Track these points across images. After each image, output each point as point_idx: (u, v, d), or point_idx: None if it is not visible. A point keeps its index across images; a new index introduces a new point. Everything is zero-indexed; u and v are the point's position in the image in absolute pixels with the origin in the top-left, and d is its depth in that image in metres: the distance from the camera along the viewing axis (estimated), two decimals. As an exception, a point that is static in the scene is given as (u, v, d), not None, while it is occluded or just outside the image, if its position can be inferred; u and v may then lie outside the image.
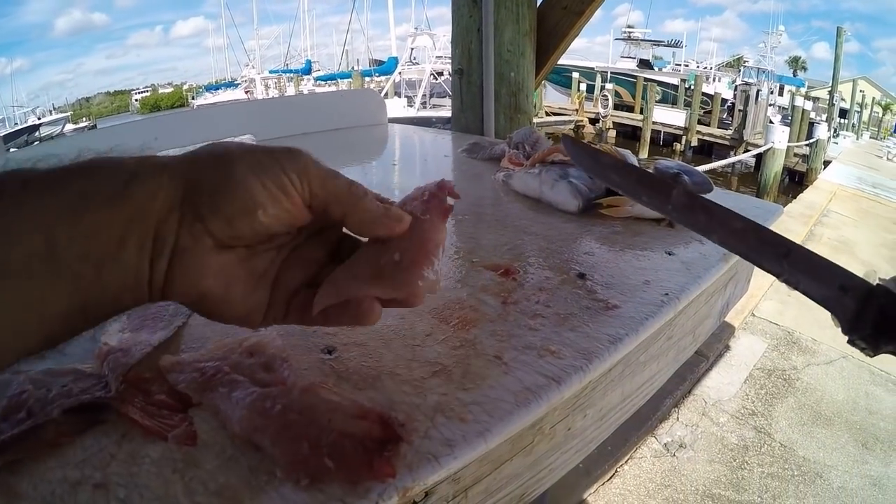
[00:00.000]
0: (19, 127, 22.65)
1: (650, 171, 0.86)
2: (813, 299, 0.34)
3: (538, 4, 1.55)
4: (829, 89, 14.57)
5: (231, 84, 30.89)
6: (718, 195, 0.85)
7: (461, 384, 0.41)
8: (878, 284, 0.32)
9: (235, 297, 0.33)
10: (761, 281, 2.96)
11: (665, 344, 0.64)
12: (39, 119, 24.46)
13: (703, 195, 0.83)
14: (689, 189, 0.40)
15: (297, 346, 0.46)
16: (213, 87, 33.24)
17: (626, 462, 1.91)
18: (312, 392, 0.37)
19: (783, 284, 0.36)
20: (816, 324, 2.75)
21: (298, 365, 0.43)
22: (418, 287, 0.34)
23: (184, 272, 0.31)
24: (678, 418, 2.15)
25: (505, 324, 0.49)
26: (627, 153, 0.84)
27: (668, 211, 0.41)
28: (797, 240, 3.98)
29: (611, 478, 1.85)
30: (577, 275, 0.59)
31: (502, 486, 0.43)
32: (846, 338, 0.33)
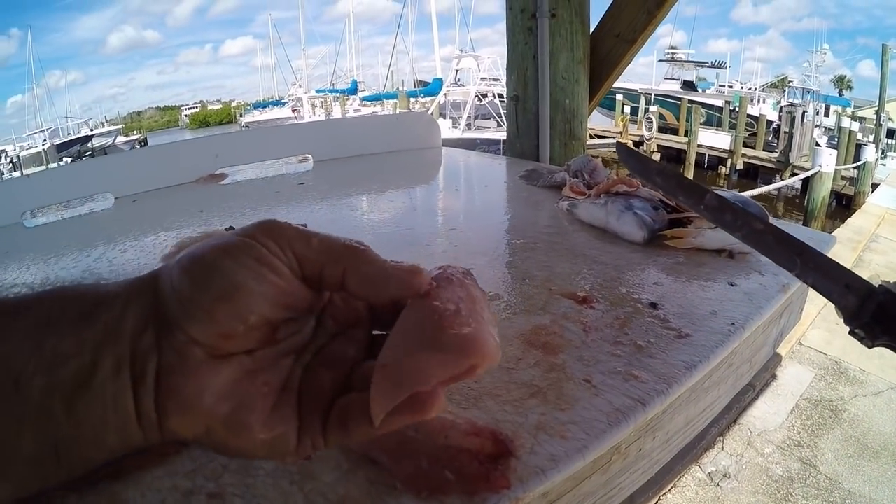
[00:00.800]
0: (72, 137, 23.41)
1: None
2: (821, 293, 0.37)
3: (591, 32, 1.58)
4: (876, 108, 14.15)
5: (278, 102, 31.70)
6: (771, 224, 0.87)
7: (557, 405, 0.44)
8: (879, 285, 0.35)
9: (252, 421, 0.26)
10: (809, 309, 2.90)
11: (726, 371, 0.66)
12: (92, 130, 25.28)
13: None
14: (719, 194, 0.45)
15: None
16: (261, 105, 34.15)
17: (669, 490, 1.89)
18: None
19: (830, 312, 0.39)
20: (864, 354, 2.67)
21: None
22: (490, 345, 0.26)
23: (177, 398, 0.25)
24: (723, 447, 2.11)
25: (589, 350, 0.53)
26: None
27: (701, 210, 0.45)
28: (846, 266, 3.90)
29: (653, 506, 1.83)
30: (650, 304, 0.62)
31: (579, 502, 0.46)
32: (847, 329, 0.37)
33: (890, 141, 13.87)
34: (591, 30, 1.58)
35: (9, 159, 19.91)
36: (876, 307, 0.35)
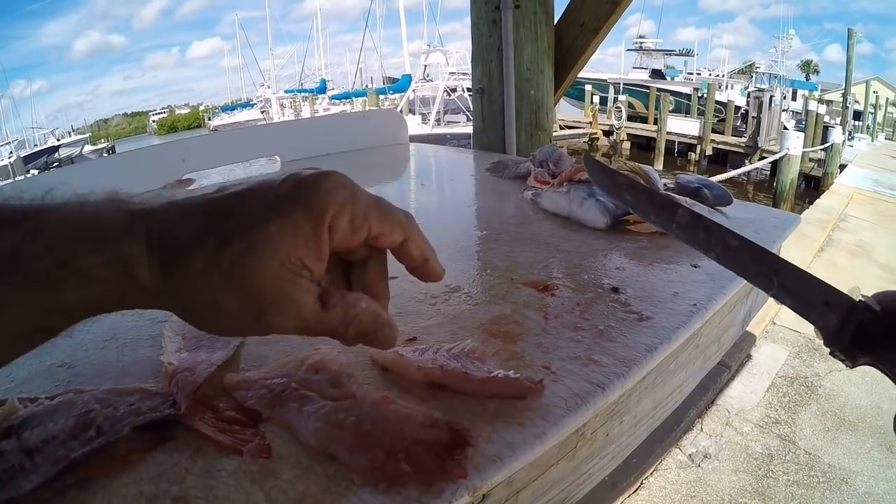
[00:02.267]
0: (39, 148, 22.76)
1: (672, 184, 0.90)
2: (800, 314, 0.36)
3: (556, 22, 1.59)
4: (843, 92, 14.42)
5: (247, 104, 31.28)
6: (737, 206, 0.89)
7: (515, 393, 0.44)
8: (860, 300, 0.34)
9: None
10: (781, 288, 2.94)
11: (693, 352, 0.67)
12: (59, 140, 24.59)
13: (723, 207, 0.86)
14: (692, 210, 0.43)
15: (357, 362, 0.49)
16: (230, 108, 33.65)
17: (651, 474, 1.91)
18: (383, 404, 0.40)
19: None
20: (838, 330, 2.72)
21: (361, 380, 0.45)
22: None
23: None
24: (702, 429, 2.14)
25: (549, 336, 0.53)
26: (650, 169, 0.87)
27: (673, 229, 0.44)
28: (815, 245, 3.93)
29: (636, 490, 1.85)
30: (611, 289, 0.63)
31: (547, 489, 0.46)
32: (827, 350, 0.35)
33: (857, 123, 14.17)
34: (556, 20, 1.59)
35: (-26, 174, 19.39)
36: (856, 327, 0.33)
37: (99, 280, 0.28)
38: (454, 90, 15.30)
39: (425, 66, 17.53)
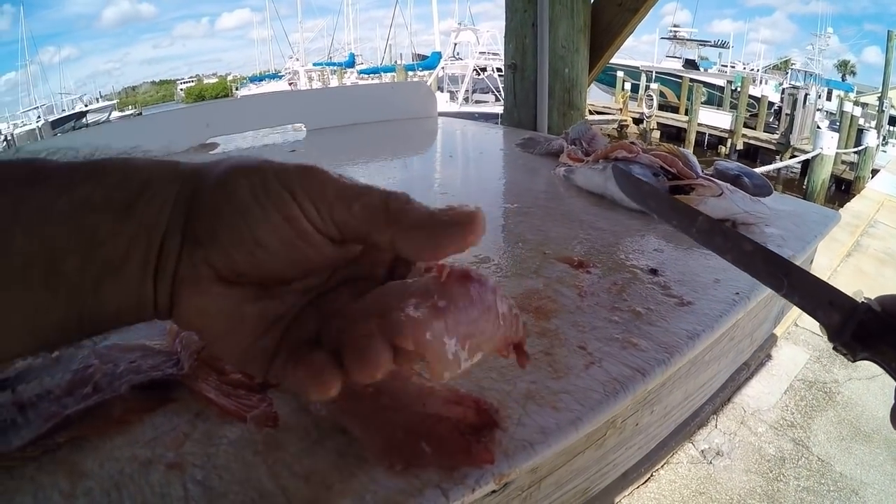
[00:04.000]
0: (67, 113, 23.13)
1: (710, 171, 0.85)
2: (806, 311, 0.39)
3: (592, 1, 1.52)
4: (879, 95, 14.04)
5: (275, 76, 31.16)
6: (777, 199, 0.84)
7: (549, 373, 0.41)
8: (862, 302, 0.37)
9: (234, 344, 0.27)
10: (807, 290, 2.88)
11: (727, 345, 0.63)
12: (86, 106, 24.99)
13: (763, 197, 0.82)
14: (710, 217, 0.44)
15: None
16: (258, 79, 33.62)
17: (662, 466, 1.88)
18: (404, 377, 0.35)
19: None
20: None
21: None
22: (442, 350, 0.25)
23: (186, 301, 0.26)
24: (717, 425, 2.11)
25: (584, 315, 0.49)
26: (688, 153, 0.82)
27: (693, 233, 0.45)
28: (843, 250, 3.86)
29: (646, 482, 1.83)
30: (649, 270, 0.59)
31: (572, 478, 0.43)
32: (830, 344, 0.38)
33: (891, 128, 13.78)
34: (593, -1, 1.53)
35: (2, 137, 19.67)
36: (857, 325, 0.36)
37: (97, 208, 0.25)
38: (484, 69, 15.15)
39: (455, 44, 17.41)
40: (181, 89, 58.27)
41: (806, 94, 13.18)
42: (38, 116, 22.18)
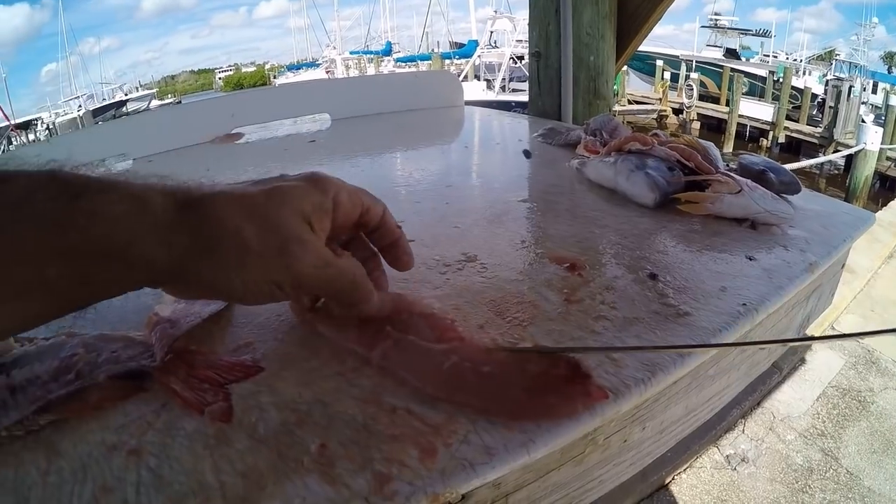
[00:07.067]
0: (107, 102, 23.66)
1: (735, 165, 0.81)
2: None
3: (618, -13, 1.47)
4: (928, 89, 13.35)
5: (312, 64, 31.51)
6: (805, 197, 0.78)
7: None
8: None
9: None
10: (844, 291, 2.77)
11: (737, 357, 0.59)
12: (126, 95, 25.50)
13: (790, 195, 0.77)
14: None
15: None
16: (295, 67, 34.11)
17: (684, 470, 1.84)
18: (493, 349, 0.40)
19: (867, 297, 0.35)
20: (899, 346, 2.55)
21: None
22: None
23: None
24: (744, 430, 2.04)
25: (564, 324, 0.46)
26: (710, 145, 0.78)
27: None
28: (885, 251, 3.71)
29: (666, 485, 1.79)
30: (649, 275, 0.54)
31: (547, 494, 0.41)
32: None
33: (940, 124, 13.13)
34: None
35: (45, 126, 20.26)
36: None
37: (109, 218, 0.29)
38: (521, 58, 14.95)
39: (492, 32, 17.32)
40: (220, 78, 59.31)
41: (850, 87, 12.57)
42: (80, 106, 22.76)
